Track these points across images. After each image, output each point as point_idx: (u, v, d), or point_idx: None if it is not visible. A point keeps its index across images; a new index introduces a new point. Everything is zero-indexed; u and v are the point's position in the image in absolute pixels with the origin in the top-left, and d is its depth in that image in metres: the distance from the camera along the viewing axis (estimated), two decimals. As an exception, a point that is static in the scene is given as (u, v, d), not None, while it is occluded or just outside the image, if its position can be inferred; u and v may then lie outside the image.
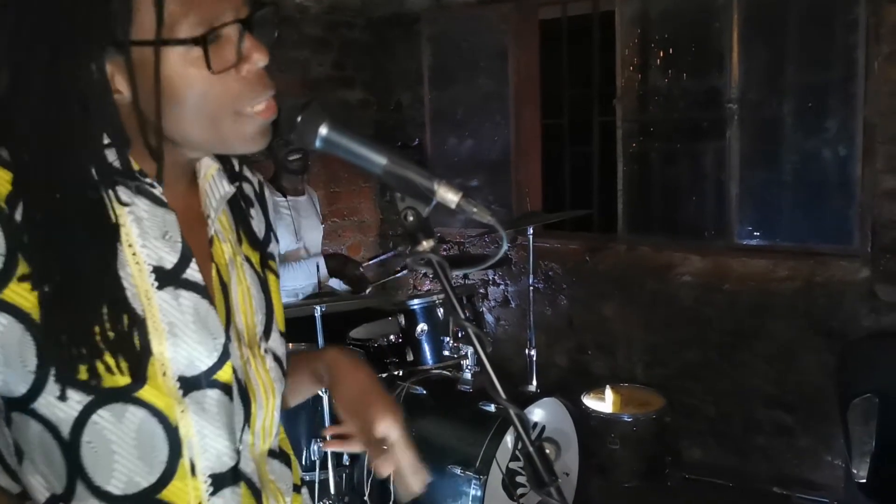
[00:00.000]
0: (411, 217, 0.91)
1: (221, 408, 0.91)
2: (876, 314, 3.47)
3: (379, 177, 0.92)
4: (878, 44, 3.36)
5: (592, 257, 4.34)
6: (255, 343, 1.00)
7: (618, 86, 4.18)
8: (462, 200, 0.91)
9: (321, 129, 0.91)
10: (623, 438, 3.76)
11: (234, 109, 0.87)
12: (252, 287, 1.02)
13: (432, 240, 0.91)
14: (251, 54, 0.87)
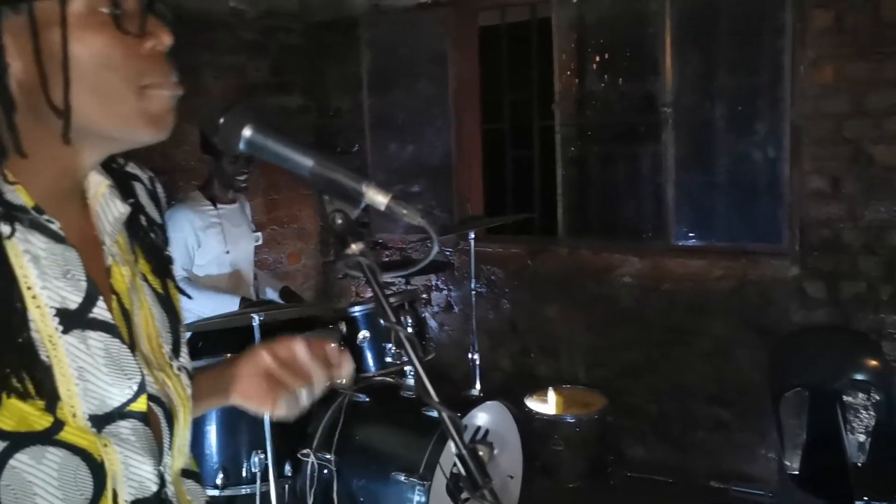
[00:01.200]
0: (340, 220, 0.90)
1: (140, 435, 0.88)
2: (805, 310, 3.58)
3: (306, 179, 0.91)
4: (803, 48, 3.48)
5: (534, 261, 4.38)
6: (166, 364, 0.95)
7: (556, 90, 4.23)
8: (391, 202, 0.91)
9: (245, 131, 0.89)
10: (566, 439, 3.80)
11: (138, 84, 0.83)
12: (153, 307, 0.96)
13: (361, 243, 0.90)
14: (156, 30, 0.84)
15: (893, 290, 3.38)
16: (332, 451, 2.87)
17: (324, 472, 2.90)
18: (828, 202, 3.49)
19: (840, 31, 3.35)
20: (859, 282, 3.46)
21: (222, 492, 2.83)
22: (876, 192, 3.38)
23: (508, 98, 4.64)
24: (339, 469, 2.86)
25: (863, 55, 3.33)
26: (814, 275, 3.56)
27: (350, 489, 2.87)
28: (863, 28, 3.31)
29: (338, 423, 2.94)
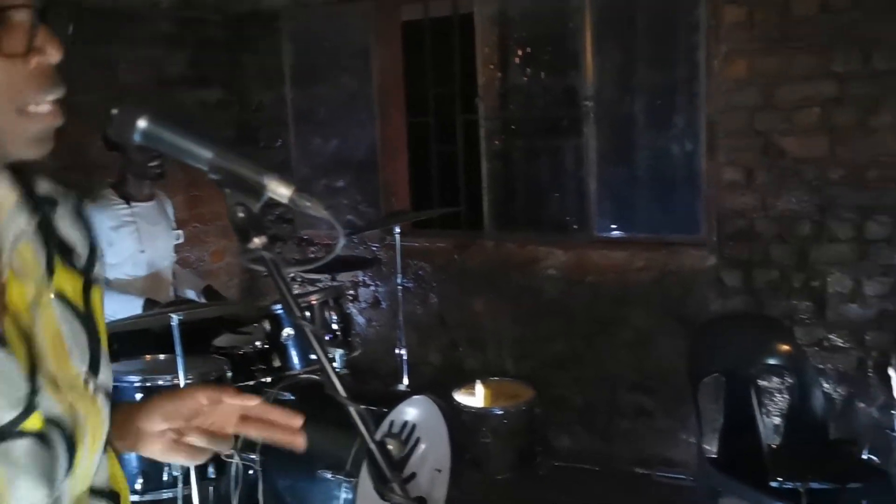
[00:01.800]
0: (241, 213, 0.88)
1: (34, 457, 0.83)
2: (723, 298, 3.68)
3: (206, 171, 0.88)
4: (717, 44, 3.57)
5: (461, 255, 4.39)
6: (80, 384, 0.91)
7: (479, 85, 4.25)
8: (294, 195, 0.89)
9: (139, 122, 0.86)
10: (494, 432, 3.83)
11: (16, 105, 0.79)
12: (64, 326, 0.91)
13: (264, 236, 0.88)
14: (44, 46, 0.79)
15: (804, 277, 3.51)
16: (256, 451, 2.82)
17: (249, 472, 2.84)
18: (742, 193, 3.60)
19: (751, 26, 3.45)
20: (772, 270, 3.57)
21: (142, 497, 2.76)
22: (787, 183, 3.50)
23: (433, 92, 4.63)
24: (264, 469, 2.80)
25: (773, 50, 3.43)
26: (730, 264, 3.66)
27: (276, 489, 2.82)
28: (773, 23, 3.41)
29: (262, 423, 2.90)
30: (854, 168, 3.36)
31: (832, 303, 3.48)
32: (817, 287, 3.50)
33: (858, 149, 3.34)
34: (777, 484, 2.56)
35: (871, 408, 3.42)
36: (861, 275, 3.41)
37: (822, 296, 3.49)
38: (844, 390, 3.50)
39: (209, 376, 2.84)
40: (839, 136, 3.37)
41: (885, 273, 3.36)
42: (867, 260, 3.39)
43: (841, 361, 3.50)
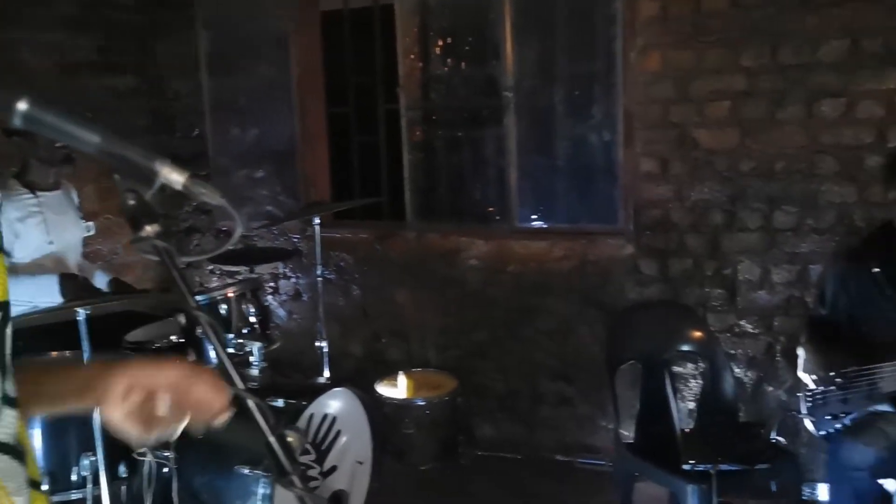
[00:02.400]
0: (132, 200, 0.84)
1: None
2: (640, 287, 3.76)
3: (94, 157, 0.84)
4: (633, 37, 3.63)
5: (383, 245, 4.37)
6: None
7: (400, 75, 4.23)
8: (188, 181, 0.86)
9: (19, 105, 0.81)
10: (417, 423, 3.83)
11: None
12: None
13: (157, 224, 0.85)
14: None
15: (716, 265, 3.61)
16: (170, 448, 2.75)
17: (163, 470, 2.77)
18: (658, 184, 3.67)
19: (665, 20, 3.52)
20: (686, 259, 3.67)
21: (51, 497, 2.66)
22: (700, 173, 3.59)
23: (353, 82, 4.58)
24: (178, 467, 2.73)
25: (686, 44, 3.51)
26: (647, 253, 3.74)
27: (192, 487, 2.75)
28: (686, 18, 3.49)
29: (177, 419, 2.82)
30: (763, 160, 3.47)
31: (742, 290, 3.59)
32: (728, 275, 3.60)
33: (767, 141, 3.45)
34: (689, 467, 2.63)
35: (779, 391, 3.55)
36: (769, 263, 3.53)
37: (733, 283, 3.60)
38: (754, 374, 3.62)
39: (120, 373, 2.75)
40: (749, 128, 3.47)
41: (792, 261, 3.49)
42: (775, 248, 3.51)
43: (751, 347, 3.62)
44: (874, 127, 3.28)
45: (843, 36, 3.26)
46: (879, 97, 3.25)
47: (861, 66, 3.26)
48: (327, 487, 3.00)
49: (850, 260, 2.79)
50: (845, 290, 2.76)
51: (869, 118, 3.28)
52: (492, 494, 3.61)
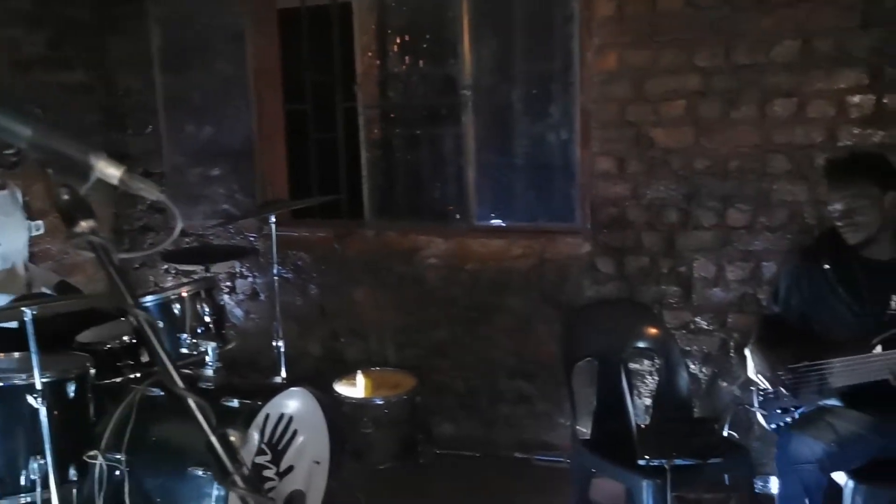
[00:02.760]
0: (66, 195, 0.82)
1: None
2: (597, 285, 3.78)
3: (27, 151, 0.82)
4: (590, 36, 3.65)
5: (341, 244, 4.34)
6: None
7: (358, 72, 4.20)
8: (125, 175, 0.83)
9: (-56, 97, 0.79)
10: (376, 422, 3.81)
11: None
12: None
13: (92, 220, 0.83)
14: None
15: (672, 263, 3.65)
16: (122, 450, 2.69)
17: (115, 473, 2.72)
18: (615, 182, 3.70)
19: (621, 19, 3.55)
20: (643, 256, 3.70)
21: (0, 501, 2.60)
22: (656, 172, 3.62)
23: (311, 79, 4.54)
24: (130, 469, 2.68)
25: (642, 43, 3.54)
26: (604, 251, 3.77)
27: (144, 489, 2.71)
28: (642, 18, 3.51)
29: (129, 421, 2.77)
30: (717, 158, 3.51)
31: (697, 287, 3.63)
32: (684, 272, 3.64)
33: (721, 140, 3.49)
34: (644, 462, 2.64)
35: (733, 386, 3.59)
36: (723, 260, 3.57)
37: (689, 281, 3.64)
38: (709, 370, 3.67)
39: (69, 374, 2.70)
40: (703, 127, 3.51)
41: (745, 259, 3.54)
42: (729, 246, 3.56)
43: (706, 343, 3.66)
44: (825, 126, 3.34)
45: (796, 36, 3.31)
46: (830, 97, 3.31)
47: (813, 67, 3.31)
48: (284, 488, 2.97)
49: (803, 258, 2.84)
50: (798, 288, 2.81)
51: (820, 118, 3.34)
52: (450, 493, 3.61)
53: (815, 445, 2.45)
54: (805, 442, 2.47)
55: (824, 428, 2.51)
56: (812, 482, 2.46)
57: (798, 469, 2.47)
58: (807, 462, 2.45)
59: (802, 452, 2.46)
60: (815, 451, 2.45)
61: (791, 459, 2.48)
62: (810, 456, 2.45)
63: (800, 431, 2.51)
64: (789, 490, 2.50)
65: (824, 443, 2.45)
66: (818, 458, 2.44)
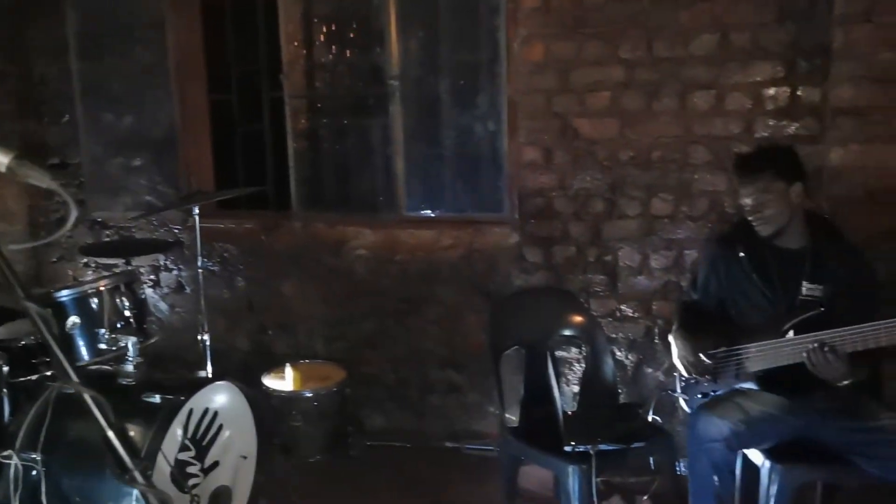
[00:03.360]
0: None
1: None
2: (525, 274, 3.82)
3: None
4: (516, 27, 3.66)
5: (268, 236, 4.27)
6: None
7: (284, 62, 4.14)
8: (13, 162, 0.80)
9: None
10: (305, 415, 3.77)
11: None
12: None
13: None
14: None
15: (598, 252, 3.71)
16: (38, 450, 2.60)
17: (31, 473, 2.63)
18: (542, 173, 3.73)
19: (547, 10, 3.57)
20: (570, 246, 3.75)
21: None
22: (581, 162, 3.67)
23: (235, 69, 4.46)
24: (47, 469, 2.60)
25: (567, 35, 3.57)
26: (531, 241, 3.80)
27: (61, 490, 2.63)
28: (566, 9, 3.55)
29: (44, 419, 2.68)
30: (640, 149, 3.58)
31: (623, 276, 3.70)
32: (610, 261, 3.70)
33: (644, 131, 3.55)
34: (570, 448, 2.68)
35: (657, 372, 3.68)
36: (648, 249, 3.65)
37: (614, 269, 3.70)
38: (635, 357, 3.74)
39: (-21, 371, 2.60)
40: (627, 119, 3.57)
41: (668, 247, 3.62)
42: (653, 235, 3.63)
43: (631, 330, 3.74)
44: (742, 118, 3.43)
45: (713, 30, 3.39)
46: (747, 90, 3.40)
47: (730, 60, 3.40)
48: (209, 484, 2.92)
49: (720, 246, 2.91)
50: (715, 275, 2.89)
51: (737, 110, 3.43)
52: (381, 484, 3.60)
53: (722, 425, 2.52)
54: (712, 421, 2.54)
55: (732, 408, 2.58)
56: (720, 460, 2.53)
57: (706, 448, 2.53)
58: (714, 441, 2.52)
59: (710, 432, 2.53)
60: (721, 431, 2.51)
61: (699, 439, 2.55)
62: (717, 435, 2.52)
63: (708, 412, 2.58)
64: (699, 468, 2.57)
65: (731, 422, 2.52)
66: (725, 437, 2.51)
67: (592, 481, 2.65)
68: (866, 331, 2.43)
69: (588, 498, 2.67)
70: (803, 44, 3.30)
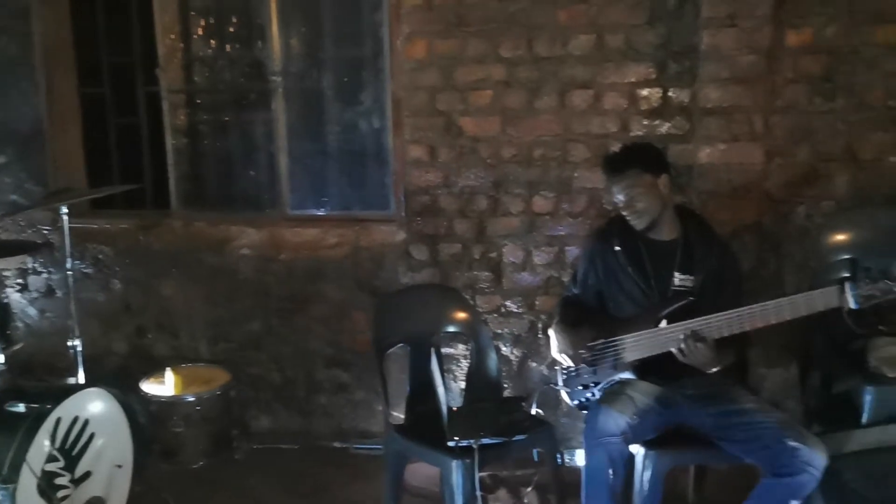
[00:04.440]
0: None
1: None
2: (412, 272, 3.82)
3: None
4: (399, 24, 3.66)
5: (146, 236, 4.12)
6: None
7: (160, 55, 4.00)
8: None
9: None
10: (187, 420, 3.66)
11: None
12: None
13: None
14: None
15: (483, 249, 3.75)
16: None
17: None
18: (427, 170, 3.74)
19: (429, 8, 3.58)
20: (455, 243, 3.77)
21: None
22: (466, 160, 3.70)
23: (108, 61, 4.27)
24: None
25: (450, 33, 3.59)
26: (418, 238, 3.81)
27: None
28: (448, 7, 3.56)
29: None
30: (522, 147, 3.64)
31: (507, 272, 3.75)
32: (494, 258, 3.75)
33: (525, 129, 3.62)
34: (453, 443, 2.70)
35: (541, 366, 3.76)
36: (530, 245, 3.72)
37: (499, 266, 3.76)
38: (520, 352, 3.81)
39: None
40: (509, 117, 3.62)
41: (550, 244, 3.69)
42: (535, 232, 3.70)
43: (516, 325, 3.80)
44: (618, 117, 3.54)
45: (589, 31, 3.48)
46: (622, 90, 3.51)
47: (605, 60, 3.50)
48: (80, 495, 2.80)
49: (597, 240, 2.99)
50: (594, 269, 2.96)
51: (614, 109, 3.54)
52: (267, 487, 3.53)
53: (620, 419, 2.58)
54: (611, 416, 2.58)
55: (627, 402, 2.64)
56: (616, 454, 2.58)
57: (604, 442, 2.57)
58: (612, 435, 2.56)
59: (608, 426, 2.57)
60: (619, 425, 2.57)
61: (598, 433, 2.58)
62: (615, 429, 2.56)
63: (606, 406, 2.62)
64: (595, 462, 2.60)
65: (628, 416, 2.58)
66: (623, 431, 2.57)
67: (475, 475, 2.67)
68: (732, 317, 2.56)
69: (472, 492, 2.69)
70: (673, 46, 3.44)
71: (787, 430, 2.47)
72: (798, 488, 2.41)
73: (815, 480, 2.40)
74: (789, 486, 2.41)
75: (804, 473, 2.39)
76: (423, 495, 3.38)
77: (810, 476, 2.39)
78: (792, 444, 2.41)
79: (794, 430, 2.47)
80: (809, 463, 2.39)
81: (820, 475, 2.39)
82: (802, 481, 2.40)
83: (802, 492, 2.42)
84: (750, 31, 3.30)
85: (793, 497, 2.42)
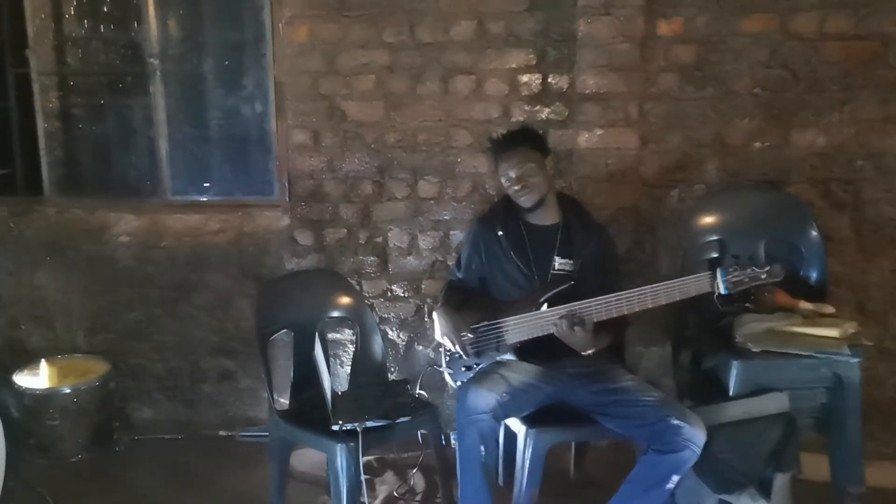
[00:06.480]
0: None
1: None
2: (297, 258, 3.81)
3: None
4: (280, 7, 3.62)
5: (17, 223, 3.94)
6: None
7: (29, 35, 3.82)
8: None
9: None
10: (63, 412, 3.56)
11: None
12: None
13: None
14: None
15: (368, 234, 3.77)
16: None
17: None
18: (311, 155, 3.73)
19: (311, -7, 3.56)
20: (340, 228, 3.78)
21: None
22: (350, 145, 3.70)
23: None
24: None
25: (332, 17, 3.58)
26: (302, 224, 3.79)
27: None
28: (330, -8, 3.56)
29: None
30: (406, 132, 3.67)
31: (392, 257, 3.79)
32: (380, 243, 3.78)
33: (409, 114, 3.64)
34: (337, 427, 2.72)
35: (427, 349, 3.81)
36: (416, 230, 3.76)
37: (384, 250, 3.78)
38: (406, 335, 3.85)
39: None
40: (393, 102, 3.64)
41: (435, 228, 3.75)
42: (420, 217, 3.74)
43: (402, 309, 3.84)
44: (500, 103, 3.61)
45: (471, 17, 3.54)
46: (503, 76, 3.58)
47: (487, 47, 3.56)
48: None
49: (481, 225, 3.04)
50: (477, 254, 3.02)
51: (495, 95, 3.60)
52: (149, 479, 3.45)
53: (489, 396, 2.64)
54: (480, 394, 2.65)
55: (497, 380, 2.71)
56: (487, 430, 2.64)
57: (474, 419, 2.63)
58: (481, 413, 2.63)
59: (478, 404, 2.63)
60: (488, 402, 2.63)
61: (468, 411, 2.64)
62: (484, 407, 2.63)
63: (476, 385, 2.69)
64: (467, 440, 2.67)
65: (497, 394, 2.65)
66: (492, 408, 2.63)
67: (360, 458, 2.69)
68: (611, 301, 2.66)
69: (356, 475, 2.71)
70: (552, 33, 3.52)
71: (668, 408, 2.57)
72: (680, 464, 2.52)
73: (696, 456, 2.50)
74: (672, 462, 2.52)
75: (686, 450, 2.49)
76: (309, 481, 3.38)
77: (692, 452, 2.50)
78: (675, 423, 2.51)
79: (676, 409, 2.57)
80: (691, 440, 2.49)
81: (700, 451, 2.51)
82: (685, 457, 2.50)
83: (684, 467, 2.53)
84: (624, 21, 3.41)
85: (675, 472, 2.53)
